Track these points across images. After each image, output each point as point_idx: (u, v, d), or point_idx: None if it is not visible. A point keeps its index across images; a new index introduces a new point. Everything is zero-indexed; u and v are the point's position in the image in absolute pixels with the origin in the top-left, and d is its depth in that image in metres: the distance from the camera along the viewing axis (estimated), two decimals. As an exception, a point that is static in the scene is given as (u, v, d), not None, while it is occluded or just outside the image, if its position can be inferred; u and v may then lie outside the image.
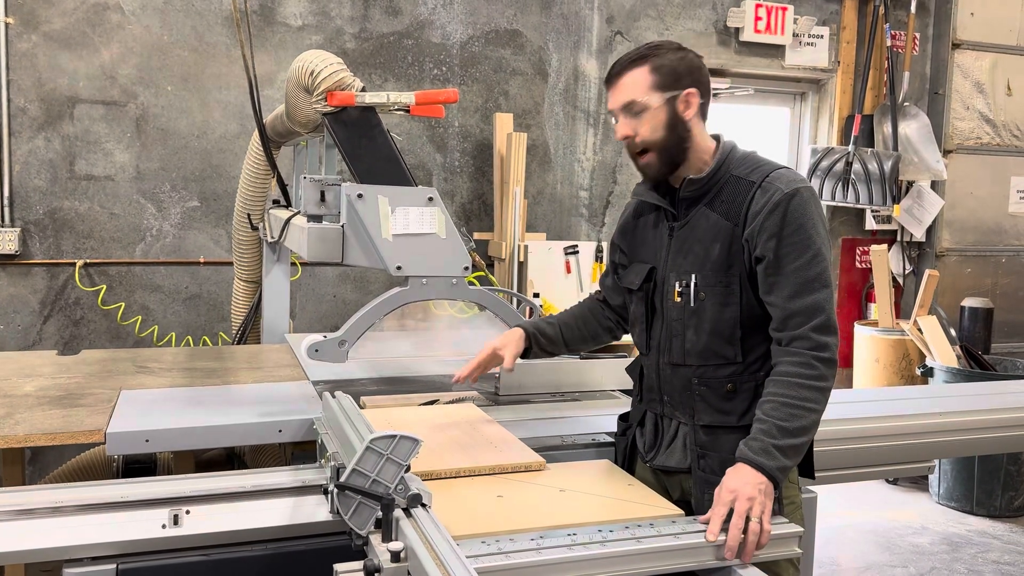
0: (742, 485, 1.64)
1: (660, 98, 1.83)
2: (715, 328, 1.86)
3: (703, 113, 1.90)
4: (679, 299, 1.90)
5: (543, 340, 2.16)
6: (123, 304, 4.29)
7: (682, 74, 1.85)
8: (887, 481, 5.13)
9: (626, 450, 2.09)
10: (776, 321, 1.80)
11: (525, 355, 2.16)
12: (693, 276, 1.87)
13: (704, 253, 1.87)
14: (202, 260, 4.42)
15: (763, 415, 1.74)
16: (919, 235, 5.71)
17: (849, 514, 4.67)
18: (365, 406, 2.34)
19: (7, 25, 4.06)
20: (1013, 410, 2.85)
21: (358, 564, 1.38)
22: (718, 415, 1.88)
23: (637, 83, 1.85)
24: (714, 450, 1.88)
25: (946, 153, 5.66)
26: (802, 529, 1.67)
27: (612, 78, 1.89)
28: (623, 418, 2.16)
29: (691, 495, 1.94)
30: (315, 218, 2.31)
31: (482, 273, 4.62)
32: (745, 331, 1.85)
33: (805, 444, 1.74)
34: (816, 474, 2.05)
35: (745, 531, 1.58)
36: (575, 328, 2.21)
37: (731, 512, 1.60)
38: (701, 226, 1.89)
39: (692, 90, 1.85)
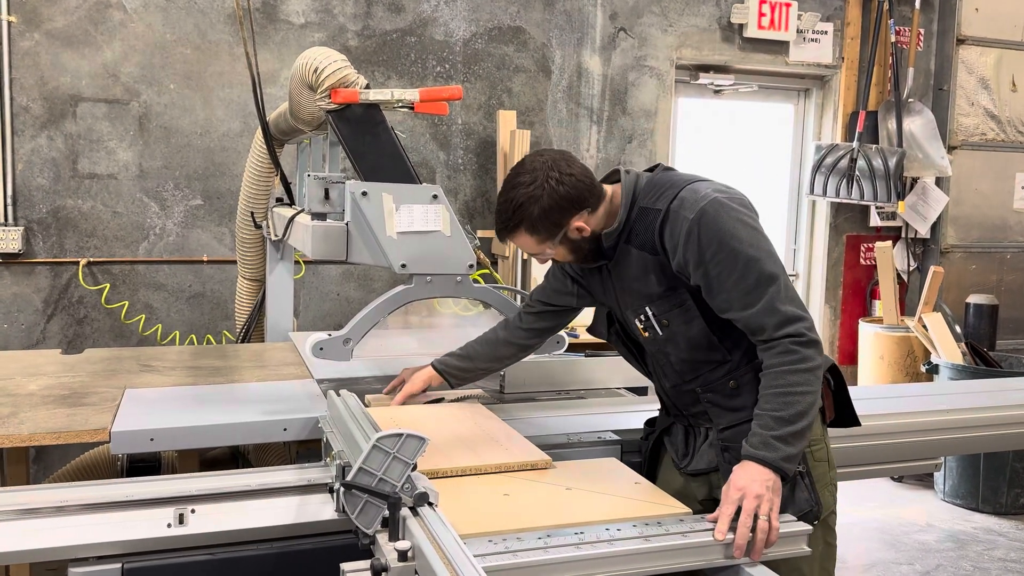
0: (749, 483, 1.65)
1: (552, 244, 1.89)
2: (692, 344, 1.89)
3: (598, 200, 1.89)
4: (647, 333, 1.95)
5: (454, 372, 2.29)
6: (127, 303, 4.29)
7: (560, 212, 1.84)
8: (893, 479, 5.12)
9: (646, 454, 2.13)
10: (745, 331, 1.82)
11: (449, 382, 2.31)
12: (647, 308, 1.92)
13: (643, 287, 1.91)
14: (206, 258, 4.41)
15: (758, 410, 1.76)
16: (924, 231, 5.70)
17: (855, 511, 4.66)
18: (370, 404, 2.33)
19: (10, 23, 4.05)
20: (1019, 407, 2.84)
21: (365, 563, 1.37)
22: (733, 414, 1.90)
23: (525, 244, 1.91)
24: (737, 442, 1.88)
25: (951, 149, 5.64)
26: (810, 528, 1.66)
27: (502, 236, 1.94)
28: (649, 423, 2.19)
29: (717, 491, 1.94)
30: (319, 216, 2.30)
31: (486, 270, 4.61)
32: (721, 333, 1.87)
33: (805, 429, 1.74)
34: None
35: (753, 529, 1.58)
36: (486, 355, 2.29)
37: (740, 511, 1.59)
38: (628, 263, 1.93)
39: (576, 217, 1.86)
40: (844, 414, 2.03)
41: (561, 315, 2.24)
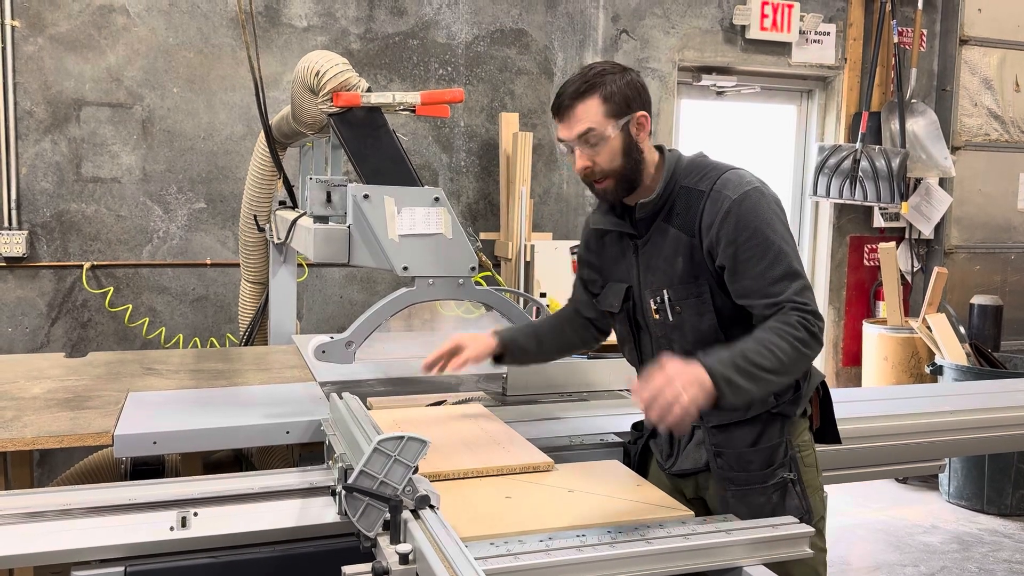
0: (680, 374, 1.61)
1: (615, 126, 1.82)
2: (698, 338, 1.87)
3: (649, 131, 1.90)
4: (657, 315, 1.92)
5: (517, 351, 2.15)
6: (130, 306, 4.30)
7: (631, 98, 1.84)
8: (897, 480, 5.11)
9: (635, 457, 2.11)
10: (758, 318, 1.80)
11: (499, 361, 2.15)
12: (665, 292, 1.89)
13: (670, 268, 1.88)
14: (209, 262, 4.42)
15: (737, 344, 1.72)
16: (927, 232, 5.69)
17: (859, 513, 4.65)
18: (372, 407, 2.33)
19: (13, 28, 4.07)
20: (1023, 408, 2.83)
21: (366, 566, 1.37)
22: (726, 412, 1.88)
23: (590, 113, 1.82)
24: (729, 447, 1.90)
25: (954, 150, 5.63)
26: (812, 530, 1.65)
27: (563, 110, 1.85)
28: (636, 427, 2.17)
29: (704, 492, 1.98)
30: (321, 219, 2.31)
31: (488, 273, 4.61)
32: (727, 332, 1.85)
33: (760, 381, 1.68)
34: (825, 473, 2.06)
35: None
36: (550, 339, 2.20)
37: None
38: (661, 242, 1.90)
39: (642, 112, 1.85)
40: (827, 431, 2.03)
41: (602, 319, 2.18)
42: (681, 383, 1.60)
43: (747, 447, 1.85)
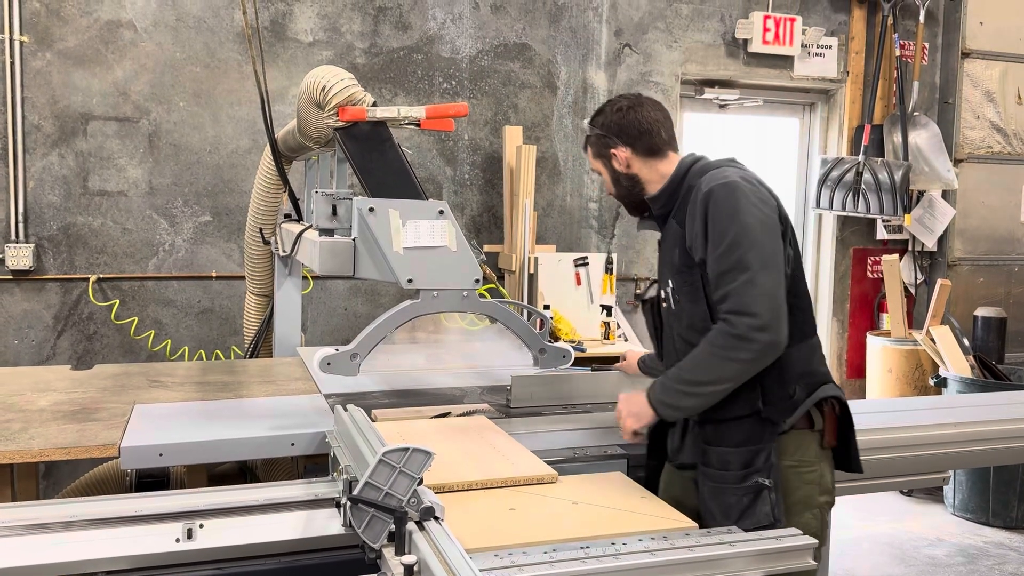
0: (627, 404, 2.06)
1: (600, 164, 2.20)
2: (691, 323, 2.03)
3: (648, 151, 2.13)
4: (665, 304, 2.16)
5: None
6: (136, 319, 4.32)
7: (606, 137, 2.15)
8: (902, 492, 5.09)
9: (648, 448, 2.21)
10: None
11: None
12: (670, 281, 2.11)
13: (671, 260, 2.10)
14: (214, 274, 4.44)
15: (682, 361, 1.99)
16: (931, 245, 5.69)
17: (864, 526, 4.63)
18: (377, 419, 2.34)
19: (22, 43, 4.11)
20: (1028, 420, 2.82)
21: (371, 577, 1.38)
22: (718, 409, 1.96)
23: (589, 157, 2.25)
24: (718, 443, 1.98)
25: (957, 162, 5.64)
26: (816, 542, 1.65)
27: (585, 147, 2.27)
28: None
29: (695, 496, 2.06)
30: (327, 232, 2.32)
31: (493, 285, 4.62)
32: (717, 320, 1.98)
33: (698, 396, 1.93)
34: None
35: None
36: None
37: None
38: (669, 237, 2.13)
39: (616, 149, 2.14)
40: (844, 455, 2.06)
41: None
42: (626, 411, 2.05)
43: (732, 446, 1.94)
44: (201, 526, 1.68)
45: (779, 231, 1.95)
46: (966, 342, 5.16)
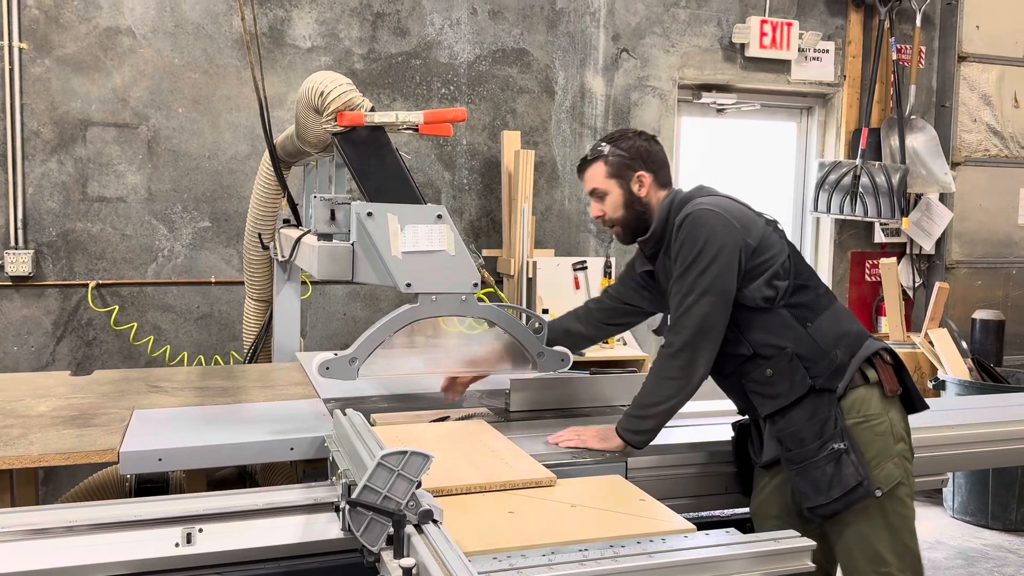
0: (598, 429, 2.18)
1: (614, 183, 2.24)
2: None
3: (663, 183, 2.26)
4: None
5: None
6: (135, 324, 4.32)
7: (631, 160, 2.23)
8: (901, 495, 5.08)
9: (734, 453, 2.29)
10: None
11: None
12: (669, 318, 2.20)
13: (668, 292, 2.20)
14: (213, 280, 4.45)
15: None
16: (928, 248, 5.70)
17: (863, 529, 4.63)
18: (376, 423, 2.34)
19: (21, 50, 4.12)
20: (1026, 422, 2.83)
21: (370, 581, 1.38)
22: (772, 401, 2.10)
23: (596, 175, 2.26)
24: (788, 427, 2.08)
25: (954, 165, 5.65)
26: (813, 544, 1.65)
27: (580, 173, 2.32)
28: (734, 427, 2.34)
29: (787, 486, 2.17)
30: (325, 237, 2.32)
31: (491, 289, 4.63)
32: (741, 329, 2.12)
33: (650, 418, 2.11)
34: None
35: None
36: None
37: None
38: (664, 272, 2.25)
39: (642, 172, 2.23)
40: (908, 398, 2.17)
41: (630, 315, 2.47)
42: (595, 431, 2.18)
43: (804, 422, 2.04)
44: (200, 531, 1.68)
45: (737, 256, 2.08)
46: (964, 345, 5.17)
